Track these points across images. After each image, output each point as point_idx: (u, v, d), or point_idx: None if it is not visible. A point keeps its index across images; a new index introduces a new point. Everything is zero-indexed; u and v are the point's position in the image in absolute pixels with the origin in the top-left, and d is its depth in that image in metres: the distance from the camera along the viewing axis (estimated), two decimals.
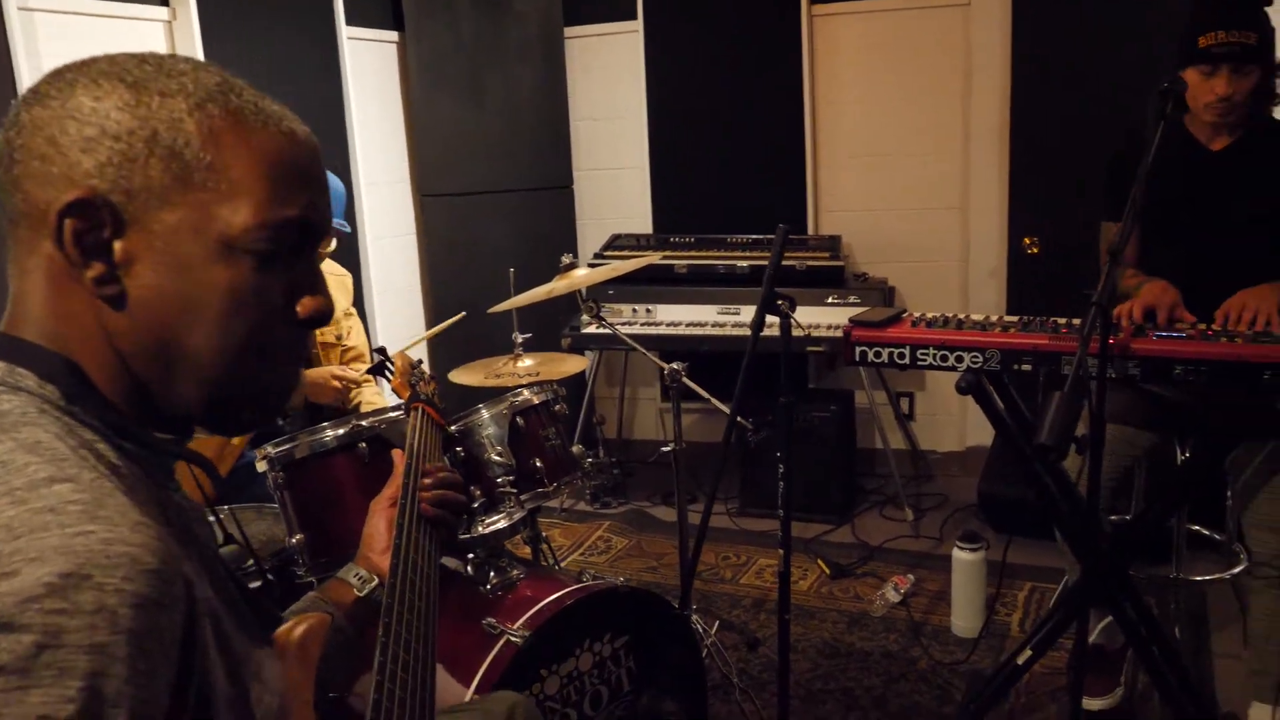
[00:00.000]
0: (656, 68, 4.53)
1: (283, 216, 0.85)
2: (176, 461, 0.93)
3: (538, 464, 2.31)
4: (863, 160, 4.41)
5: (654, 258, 3.28)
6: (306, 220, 0.87)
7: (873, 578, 3.52)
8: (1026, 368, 2.28)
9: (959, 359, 2.32)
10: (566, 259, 2.78)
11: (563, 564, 3.52)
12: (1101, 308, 1.97)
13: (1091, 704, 2.72)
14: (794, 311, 2.27)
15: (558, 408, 2.46)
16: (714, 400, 2.72)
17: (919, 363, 2.38)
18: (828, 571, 3.57)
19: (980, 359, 2.30)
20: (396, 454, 1.64)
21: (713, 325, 4.03)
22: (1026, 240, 4.16)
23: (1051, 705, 2.74)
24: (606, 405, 4.82)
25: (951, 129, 4.26)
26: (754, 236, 4.26)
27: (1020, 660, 2.46)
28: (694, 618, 2.68)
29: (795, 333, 3.86)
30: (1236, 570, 2.82)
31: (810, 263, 4.05)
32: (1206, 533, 3.18)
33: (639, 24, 4.52)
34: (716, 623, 3.00)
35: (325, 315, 0.91)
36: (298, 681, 0.95)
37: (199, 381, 0.85)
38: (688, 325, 4.05)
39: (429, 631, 1.26)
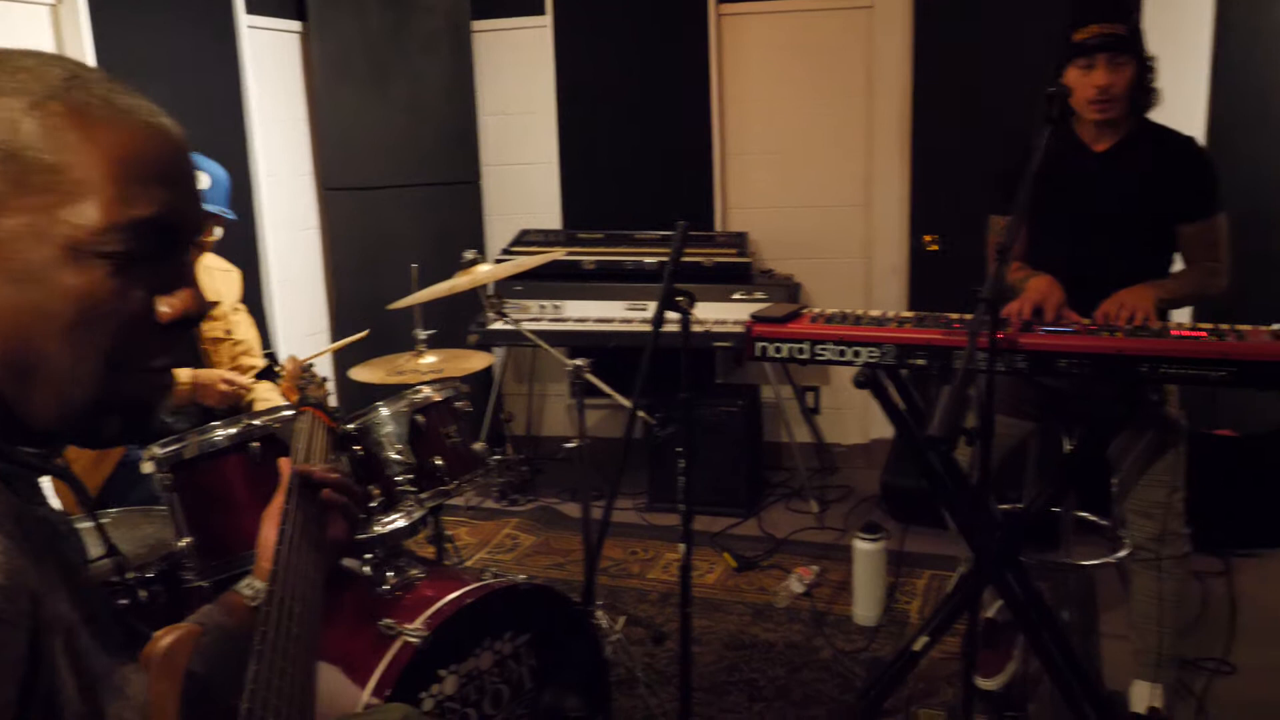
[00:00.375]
0: (566, 63, 4.52)
1: (135, 217, 0.81)
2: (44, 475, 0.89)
3: (438, 462, 2.29)
4: (770, 158, 4.46)
5: (559, 254, 3.27)
6: (165, 220, 0.83)
7: (778, 569, 3.57)
8: (921, 362, 2.34)
9: (856, 354, 2.37)
10: (469, 255, 2.75)
11: (468, 562, 3.50)
12: (989, 304, 2.04)
13: (985, 683, 2.80)
14: (693, 308, 2.27)
15: (459, 404, 2.44)
16: (617, 396, 2.73)
17: (818, 358, 2.42)
18: (734, 564, 3.61)
19: (877, 354, 2.35)
20: (282, 462, 1.60)
21: (621, 321, 4.04)
22: (927, 237, 4.27)
23: (949, 688, 2.81)
24: (515, 402, 4.80)
25: (855, 128, 4.35)
26: (662, 233, 4.28)
27: (917, 647, 2.53)
28: (598, 613, 2.68)
29: (701, 328, 3.92)
30: (1121, 554, 2.93)
31: (717, 259, 4.08)
32: (1094, 519, 3.30)
33: (548, 19, 4.50)
34: (623, 618, 3.00)
35: (193, 316, 0.87)
36: (162, 694, 0.92)
37: (57, 395, 0.81)
38: (596, 321, 4.05)
39: (309, 640, 1.23)
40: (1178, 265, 2.57)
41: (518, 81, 4.63)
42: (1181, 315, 3.98)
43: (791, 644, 3.07)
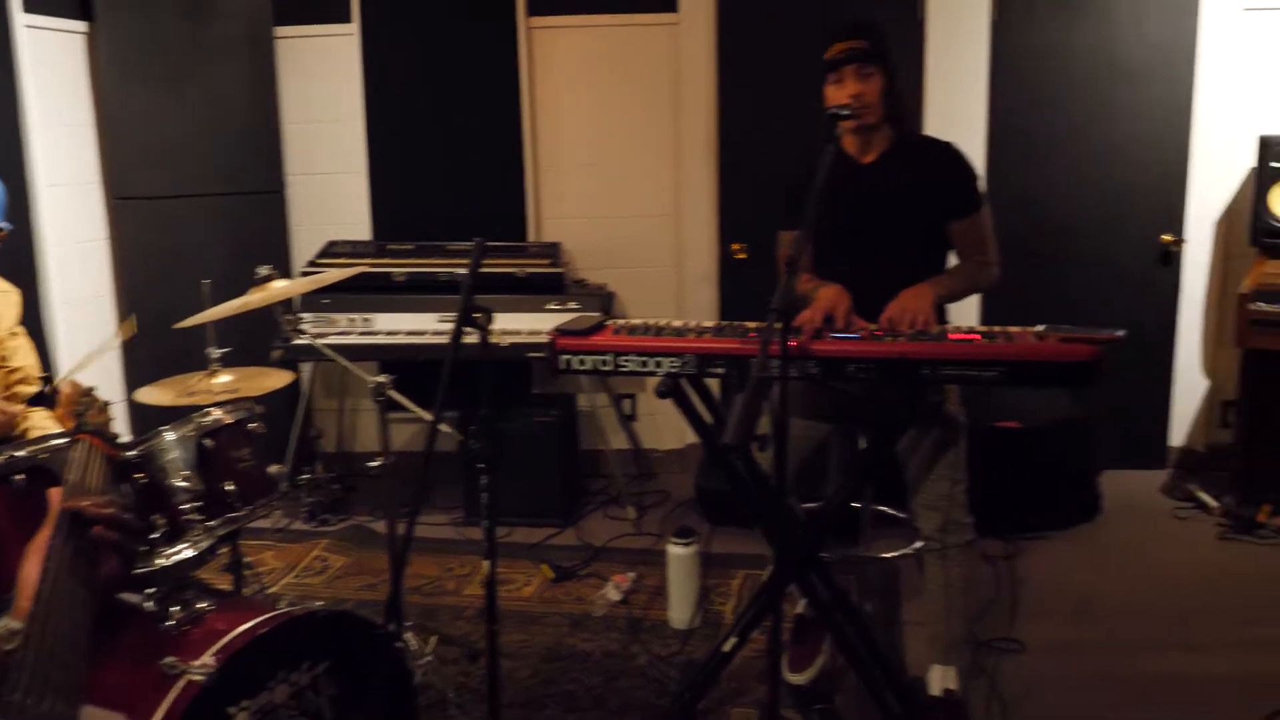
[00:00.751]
0: (374, 72, 4.43)
1: None
2: None
3: (229, 487, 2.19)
4: (582, 169, 4.50)
5: (353, 271, 3.16)
6: None
7: (596, 578, 3.60)
8: (720, 371, 2.40)
9: (659, 364, 2.42)
10: (264, 270, 2.65)
11: (273, 589, 3.37)
12: (779, 313, 2.12)
13: (795, 677, 2.90)
14: (491, 323, 2.25)
15: (253, 426, 2.34)
16: (419, 411, 2.69)
17: (621, 369, 2.45)
18: (551, 575, 3.61)
19: (678, 364, 2.40)
20: (52, 493, 1.50)
21: (433, 334, 3.98)
22: (735, 246, 4.39)
23: (760, 686, 2.89)
24: (326, 418, 4.65)
25: (665, 139, 4.43)
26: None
27: (727, 648, 2.59)
28: (407, 635, 2.63)
29: (514, 340, 3.91)
30: (917, 546, 3.08)
31: (530, 269, 4.08)
32: (892, 512, 3.47)
33: (355, 27, 4.40)
34: (434, 638, 2.95)
35: None
36: None
37: None
38: (407, 334, 3.97)
39: (71, 685, 1.16)
40: (953, 260, 2.74)
41: (324, 89, 4.50)
42: (970, 312, 4.28)
43: (608, 652, 3.10)
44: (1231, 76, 4.22)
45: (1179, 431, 4.56)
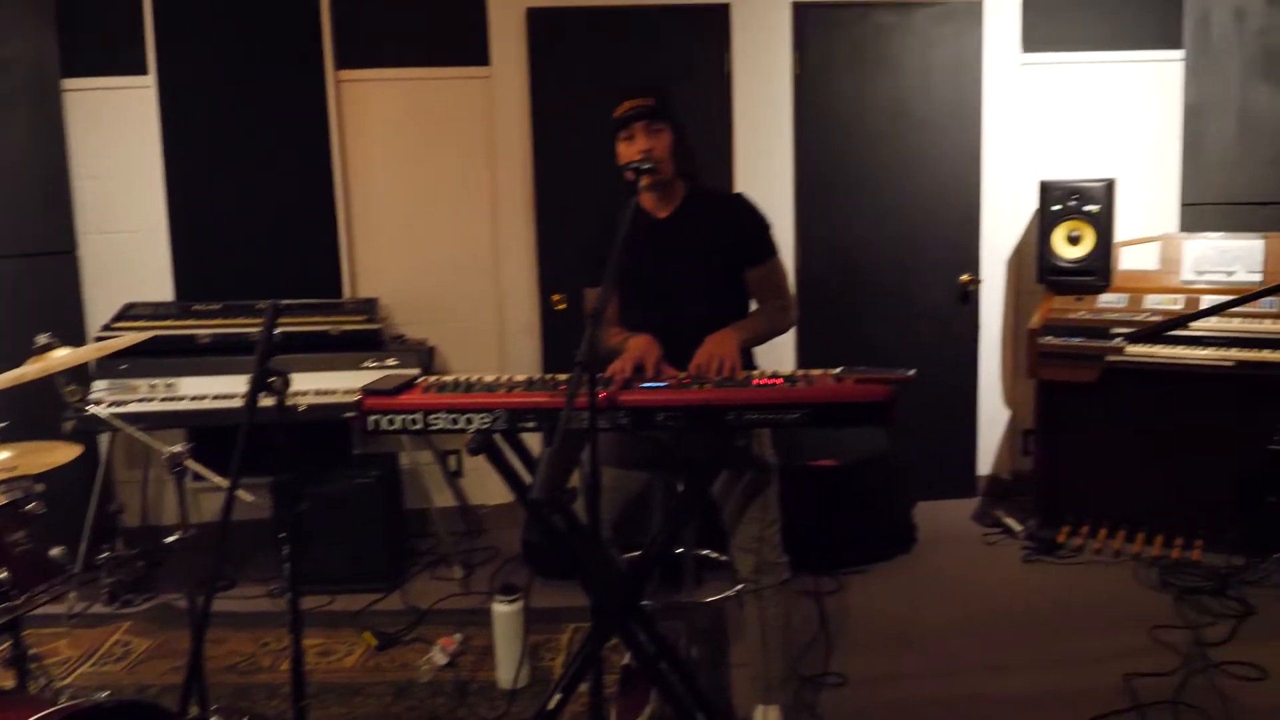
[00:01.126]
0: (173, 126, 4.25)
1: None
2: None
3: (3, 575, 2.03)
4: (399, 222, 4.43)
5: (155, 331, 3.01)
6: None
7: (421, 642, 3.49)
8: (531, 425, 2.39)
9: (469, 421, 2.38)
10: (42, 339, 2.49)
11: (64, 681, 3.12)
12: (585, 366, 2.13)
13: None
14: (288, 388, 2.17)
15: (30, 506, 2.18)
16: (217, 479, 2.56)
17: (431, 428, 2.41)
18: (374, 643, 3.48)
19: (489, 420, 2.38)
20: None
21: (243, 397, 3.78)
22: (555, 297, 4.40)
23: None
24: (129, 490, 4.37)
25: (482, 191, 4.42)
26: (287, 301, 4.08)
27: (551, 705, 2.55)
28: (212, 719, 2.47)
29: (330, 400, 3.80)
30: (739, 588, 3.13)
31: (345, 327, 3.97)
32: (715, 556, 3.51)
33: (151, 79, 4.22)
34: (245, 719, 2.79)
35: None
36: None
37: None
38: (214, 398, 3.79)
39: None
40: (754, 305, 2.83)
41: (119, 143, 4.29)
42: (786, 356, 4.40)
43: (435, 718, 3.00)
44: (1013, 126, 4.54)
45: (985, 461, 4.81)
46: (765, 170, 4.48)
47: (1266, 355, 3.72)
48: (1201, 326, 3.88)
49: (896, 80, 4.51)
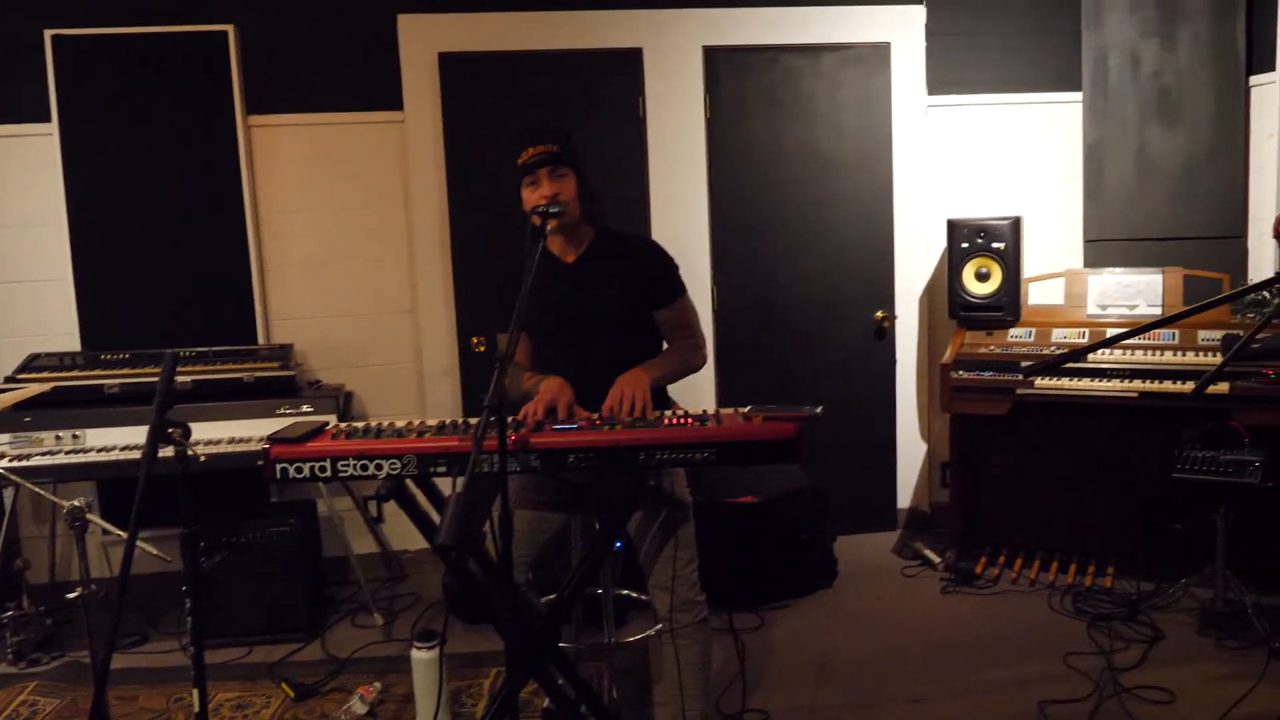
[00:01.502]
0: (77, 173, 4.18)
1: None
2: None
3: None
4: (314, 268, 4.40)
5: (56, 382, 2.94)
6: None
7: (341, 692, 3.42)
8: (442, 470, 2.38)
9: (379, 467, 2.37)
10: None
11: None
12: (493, 410, 2.13)
13: None
14: (189, 438, 2.14)
15: None
16: (117, 532, 2.49)
17: (340, 474, 2.38)
18: (292, 694, 3.40)
19: (399, 465, 2.36)
20: None
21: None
22: (474, 339, 4.39)
23: None
24: (35, 546, 4.23)
25: (397, 236, 4.41)
26: (199, 349, 4.03)
27: None
28: None
29: (243, 448, 3.73)
30: (658, 628, 3.12)
31: (259, 374, 3.92)
32: (637, 596, 3.50)
33: (54, 126, 4.14)
34: None
35: None
36: None
37: None
38: (123, 449, 3.70)
39: None
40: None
41: (21, 191, 4.21)
42: (707, 395, 4.44)
43: None
44: (922, 166, 4.67)
45: (905, 493, 4.89)
46: (681, 211, 4.55)
47: (1167, 386, 3.85)
48: (1106, 359, 4.01)
49: (808, 122, 4.62)
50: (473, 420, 2.50)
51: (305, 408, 3.86)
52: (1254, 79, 4.35)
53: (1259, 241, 4.35)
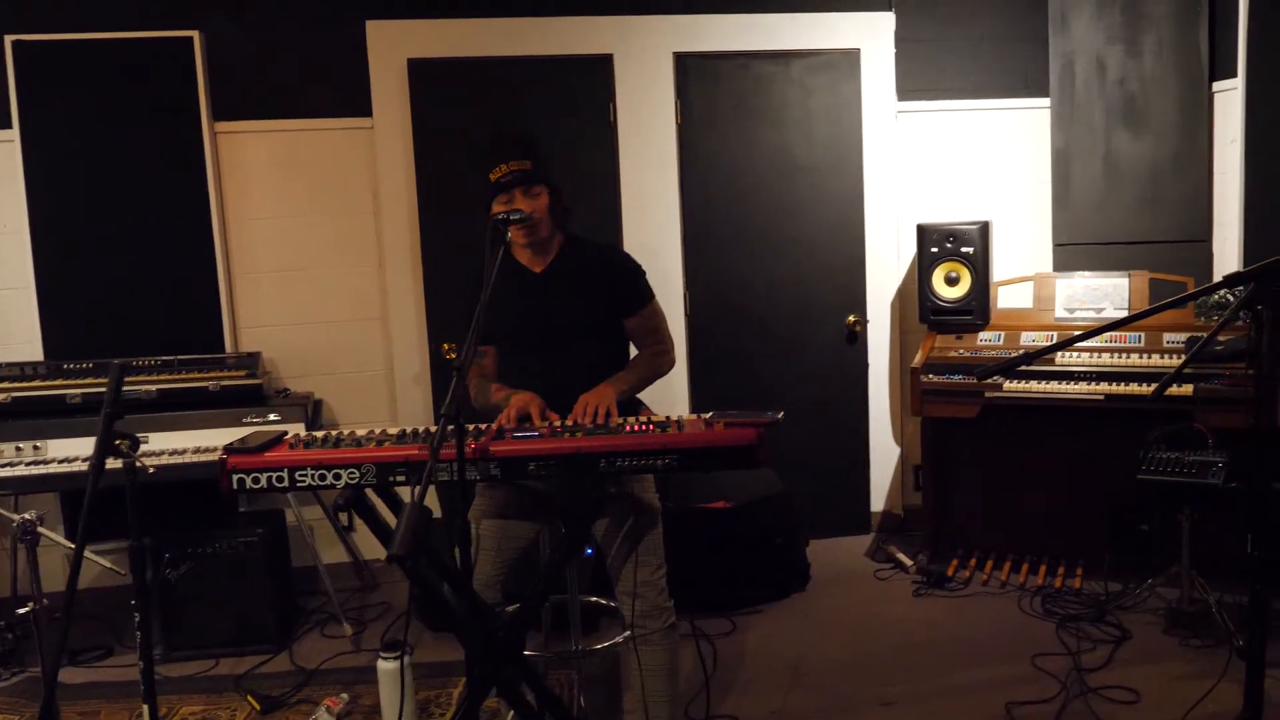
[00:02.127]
0: (39, 180, 4.12)
1: None
2: None
3: None
4: (282, 275, 4.37)
5: (16, 392, 2.91)
6: None
7: (308, 703, 3.39)
8: (402, 479, 2.37)
9: (338, 476, 2.35)
10: None
11: None
12: (450, 419, 2.12)
13: None
14: (137, 450, 2.12)
15: None
16: (65, 544, 2.47)
17: (298, 484, 2.37)
18: (257, 707, 3.37)
19: (357, 475, 2.35)
20: None
21: (116, 459, 3.68)
22: (445, 346, 4.37)
23: None
24: None
25: (366, 243, 4.39)
26: (164, 358, 3.99)
27: None
28: None
29: (210, 457, 3.70)
30: (627, 634, 3.11)
31: (225, 382, 3.89)
32: (605, 602, 3.49)
33: (15, 133, 4.09)
34: None
35: None
36: None
37: None
38: (85, 460, 3.64)
39: None
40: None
41: None
42: (681, 400, 4.43)
43: None
44: (892, 171, 4.69)
45: (879, 497, 4.90)
46: (653, 217, 4.55)
47: (1133, 389, 3.87)
48: (1074, 362, 4.03)
49: (779, 128, 4.63)
50: (433, 429, 2.48)
51: (273, 416, 3.83)
52: (1217, 85, 4.39)
53: (1223, 246, 4.38)
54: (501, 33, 4.37)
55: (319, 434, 2.54)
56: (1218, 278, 4.37)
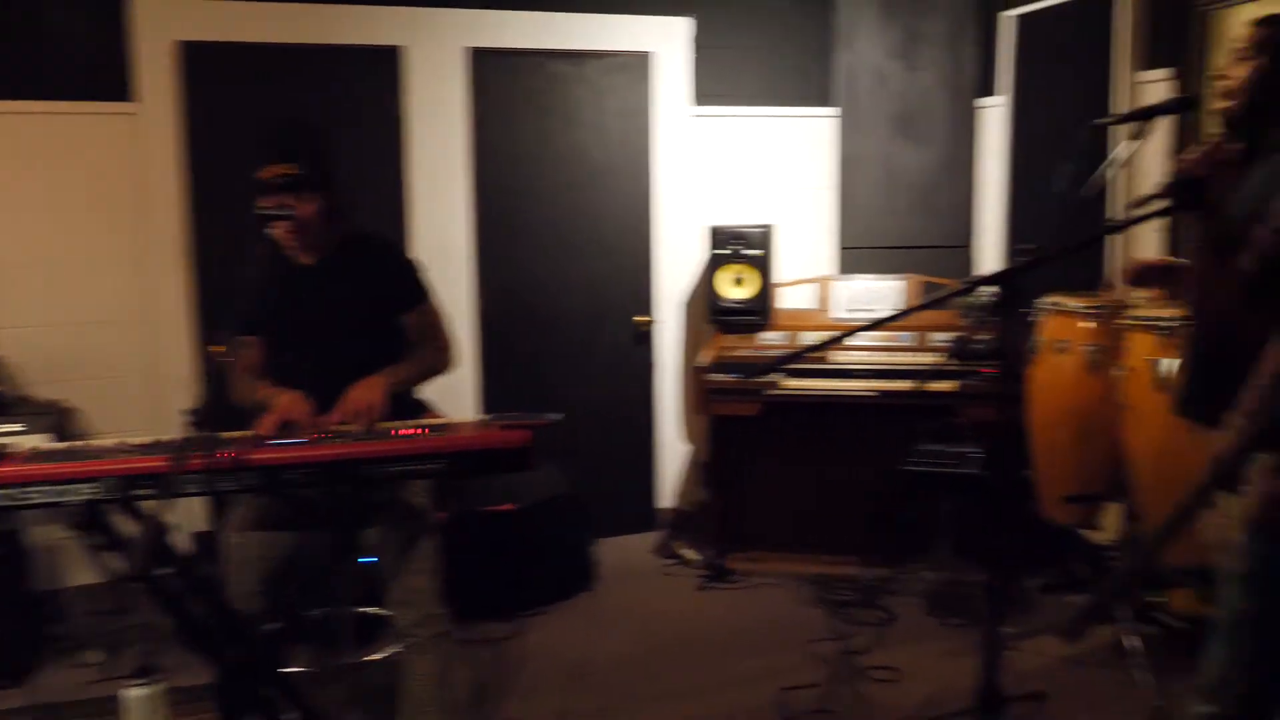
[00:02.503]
0: None
1: None
2: None
3: None
4: (27, 273, 3.98)
5: None
6: None
7: None
8: (148, 492, 2.19)
9: (79, 492, 2.16)
10: None
11: None
12: (200, 424, 2.00)
13: None
14: None
15: None
16: None
17: (29, 503, 2.16)
18: None
19: (100, 489, 2.16)
20: None
21: None
22: (213, 349, 4.12)
23: None
24: None
25: (126, 238, 4.08)
26: None
27: None
28: None
29: None
30: (401, 645, 3.01)
31: None
32: (378, 612, 3.38)
33: None
34: None
35: None
36: None
37: None
38: None
39: None
40: None
41: None
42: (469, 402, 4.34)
43: None
44: (685, 174, 4.77)
45: (667, 494, 4.97)
46: (442, 213, 4.45)
47: (903, 385, 4.08)
48: (849, 360, 4.21)
49: (574, 128, 4.62)
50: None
51: (17, 426, 3.50)
52: (981, 101, 4.70)
53: (982, 252, 4.71)
54: (285, 18, 4.16)
55: (59, 445, 2.35)
56: None
